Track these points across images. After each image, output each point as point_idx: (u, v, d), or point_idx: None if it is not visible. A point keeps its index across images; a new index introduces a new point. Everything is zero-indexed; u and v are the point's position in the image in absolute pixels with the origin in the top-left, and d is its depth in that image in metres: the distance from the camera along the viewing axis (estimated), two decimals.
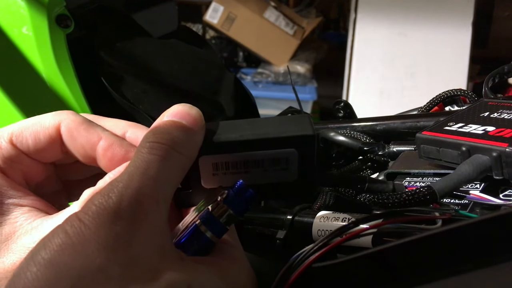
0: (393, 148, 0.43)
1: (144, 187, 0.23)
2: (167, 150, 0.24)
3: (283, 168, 0.28)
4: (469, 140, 0.32)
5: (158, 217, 0.23)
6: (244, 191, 0.27)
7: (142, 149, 0.24)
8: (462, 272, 0.23)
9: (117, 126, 0.29)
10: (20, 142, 0.27)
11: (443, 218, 0.26)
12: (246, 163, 0.28)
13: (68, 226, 0.21)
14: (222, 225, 0.26)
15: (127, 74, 0.48)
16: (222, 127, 0.28)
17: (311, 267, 0.26)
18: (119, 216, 0.22)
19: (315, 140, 0.27)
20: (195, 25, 2.50)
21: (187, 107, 0.27)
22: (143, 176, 0.23)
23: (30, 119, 0.28)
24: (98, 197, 0.22)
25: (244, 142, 0.27)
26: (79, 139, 0.28)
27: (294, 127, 0.28)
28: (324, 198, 0.37)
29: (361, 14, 1.92)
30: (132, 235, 0.22)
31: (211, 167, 0.28)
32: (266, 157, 0.27)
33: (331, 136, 0.47)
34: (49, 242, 0.21)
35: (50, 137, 0.28)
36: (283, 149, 0.27)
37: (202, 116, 0.27)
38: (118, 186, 0.22)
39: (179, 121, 0.26)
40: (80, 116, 0.29)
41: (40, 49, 0.43)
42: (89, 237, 0.21)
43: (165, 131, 0.25)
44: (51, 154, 0.28)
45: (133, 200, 0.22)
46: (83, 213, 0.22)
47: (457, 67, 1.89)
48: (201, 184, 0.28)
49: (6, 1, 0.43)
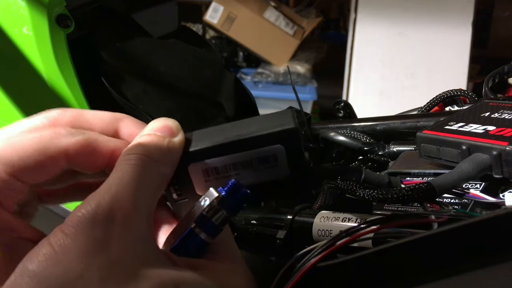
0: (393, 148, 0.43)
1: (120, 193, 0.24)
2: (141, 158, 0.26)
3: (272, 165, 0.28)
4: (469, 139, 0.32)
5: (137, 222, 0.24)
6: (237, 190, 0.26)
7: (121, 162, 0.26)
8: (462, 272, 0.23)
9: (103, 121, 0.29)
10: (21, 174, 0.26)
11: (439, 221, 0.26)
12: (235, 165, 0.28)
13: (52, 238, 0.22)
14: (216, 226, 0.26)
15: (127, 74, 0.48)
16: (208, 133, 0.28)
17: (314, 266, 0.26)
18: (97, 222, 0.22)
19: (298, 133, 0.27)
20: (195, 25, 2.50)
21: (162, 120, 0.29)
22: (119, 183, 0.24)
23: (27, 143, 0.26)
24: (79, 208, 0.23)
25: (229, 144, 0.27)
26: (90, 162, 0.28)
27: (276, 122, 0.27)
28: (324, 198, 0.37)
29: (361, 14, 1.92)
30: (110, 238, 0.22)
31: (202, 174, 0.28)
32: (254, 157, 0.27)
33: (331, 136, 0.47)
34: (35, 255, 0.22)
35: (56, 165, 0.27)
36: (268, 147, 0.27)
37: (179, 125, 0.28)
38: (97, 196, 0.23)
39: (153, 133, 0.27)
40: (79, 136, 0.27)
41: (40, 49, 0.43)
42: (70, 246, 0.22)
43: (138, 144, 0.27)
44: (49, 175, 0.27)
45: (110, 206, 0.23)
46: (65, 225, 0.23)
47: (457, 67, 1.89)
48: (195, 192, 0.28)
49: (6, 1, 0.43)
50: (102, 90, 0.45)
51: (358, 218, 0.31)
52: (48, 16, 0.43)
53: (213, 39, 2.38)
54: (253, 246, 0.38)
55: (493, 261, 0.22)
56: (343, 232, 0.26)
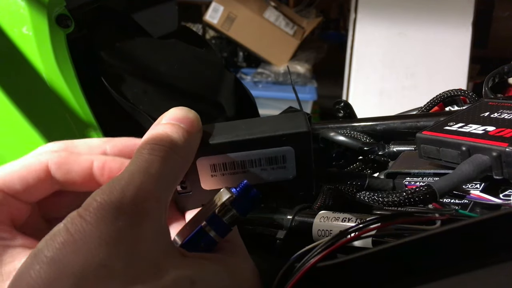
0: (393, 148, 0.43)
1: (146, 184, 0.23)
2: (167, 151, 0.25)
3: (280, 166, 0.28)
4: (469, 140, 0.32)
5: (159, 215, 0.24)
6: (249, 191, 0.27)
7: (143, 150, 0.25)
8: (462, 272, 0.23)
9: (91, 148, 0.29)
10: (8, 188, 0.26)
11: (442, 219, 0.26)
12: (243, 163, 0.28)
13: (70, 224, 0.21)
14: (226, 225, 0.26)
15: (127, 74, 0.48)
16: (219, 128, 0.28)
17: (314, 266, 0.26)
18: (121, 212, 0.22)
19: (310, 136, 0.27)
20: (195, 25, 2.50)
21: (185, 111, 0.28)
22: (145, 174, 0.23)
23: (15, 164, 0.27)
24: (99, 193, 0.22)
25: (240, 142, 0.27)
26: (72, 171, 0.27)
27: (289, 124, 0.28)
28: (324, 198, 0.37)
29: (361, 14, 1.92)
30: (135, 230, 0.22)
31: (209, 169, 0.28)
32: (263, 156, 0.27)
33: (331, 136, 0.47)
34: (51, 241, 0.21)
35: (39, 179, 0.27)
36: (279, 147, 0.27)
37: (199, 119, 0.28)
38: (120, 183, 0.23)
39: (178, 124, 0.27)
40: (62, 149, 0.28)
41: (40, 49, 0.43)
42: (91, 233, 0.21)
43: (165, 134, 0.26)
44: (40, 193, 0.28)
45: (135, 196, 0.22)
46: (84, 209, 0.22)
47: (457, 67, 1.89)
48: (200, 186, 0.28)
49: (6, 1, 0.43)
50: (102, 90, 0.45)
51: (358, 218, 0.31)
52: (48, 16, 0.43)
53: (213, 39, 2.38)
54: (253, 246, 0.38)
55: (493, 261, 0.22)
56: (342, 232, 0.26)
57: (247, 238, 0.38)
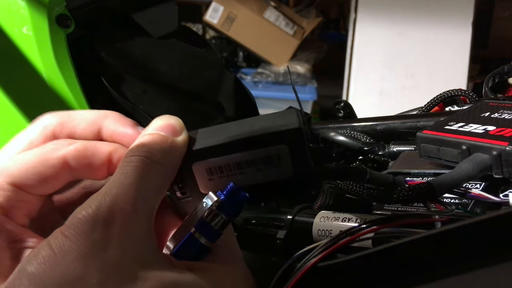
0: (393, 148, 0.43)
1: (120, 195, 0.24)
2: (142, 160, 0.25)
3: (276, 165, 0.27)
4: (469, 139, 0.32)
5: (137, 224, 0.24)
6: (236, 194, 0.26)
7: (122, 163, 0.25)
8: (462, 272, 0.23)
9: (86, 121, 0.29)
10: (25, 185, 0.26)
11: (442, 220, 0.26)
12: (238, 165, 0.27)
13: (52, 240, 0.22)
14: (215, 230, 0.26)
15: (127, 74, 0.48)
16: (211, 131, 0.28)
17: (314, 266, 0.26)
18: (97, 224, 0.22)
19: (302, 132, 0.27)
20: (195, 25, 2.50)
21: (165, 118, 0.28)
22: (120, 185, 0.24)
23: (28, 158, 0.27)
24: (79, 210, 0.23)
25: (232, 143, 0.27)
26: (92, 164, 0.28)
27: (280, 122, 0.27)
28: (324, 198, 0.37)
29: (361, 14, 1.92)
30: (109, 240, 0.22)
31: (206, 173, 0.28)
32: (257, 156, 0.27)
33: (331, 136, 0.47)
34: (34, 257, 0.22)
35: (57, 174, 0.27)
36: (272, 146, 0.27)
37: (182, 123, 0.28)
38: (97, 197, 0.23)
39: (157, 133, 0.27)
40: (77, 143, 0.28)
41: (40, 49, 0.43)
42: (70, 248, 0.22)
43: (141, 144, 0.26)
44: (56, 186, 0.28)
45: (110, 207, 0.23)
46: (65, 227, 0.22)
47: (457, 67, 1.89)
48: (199, 190, 0.28)
49: (6, 1, 0.43)
50: (102, 90, 0.45)
51: (358, 218, 0.31)
52: (48, 16, 0.43)
53: (213, 39, 2.38)
54: (253, 246, 0.38)
55: (493, 261, 0.22)
56: (343, 232, 0.26)
57: (247, 238, 0.38)
